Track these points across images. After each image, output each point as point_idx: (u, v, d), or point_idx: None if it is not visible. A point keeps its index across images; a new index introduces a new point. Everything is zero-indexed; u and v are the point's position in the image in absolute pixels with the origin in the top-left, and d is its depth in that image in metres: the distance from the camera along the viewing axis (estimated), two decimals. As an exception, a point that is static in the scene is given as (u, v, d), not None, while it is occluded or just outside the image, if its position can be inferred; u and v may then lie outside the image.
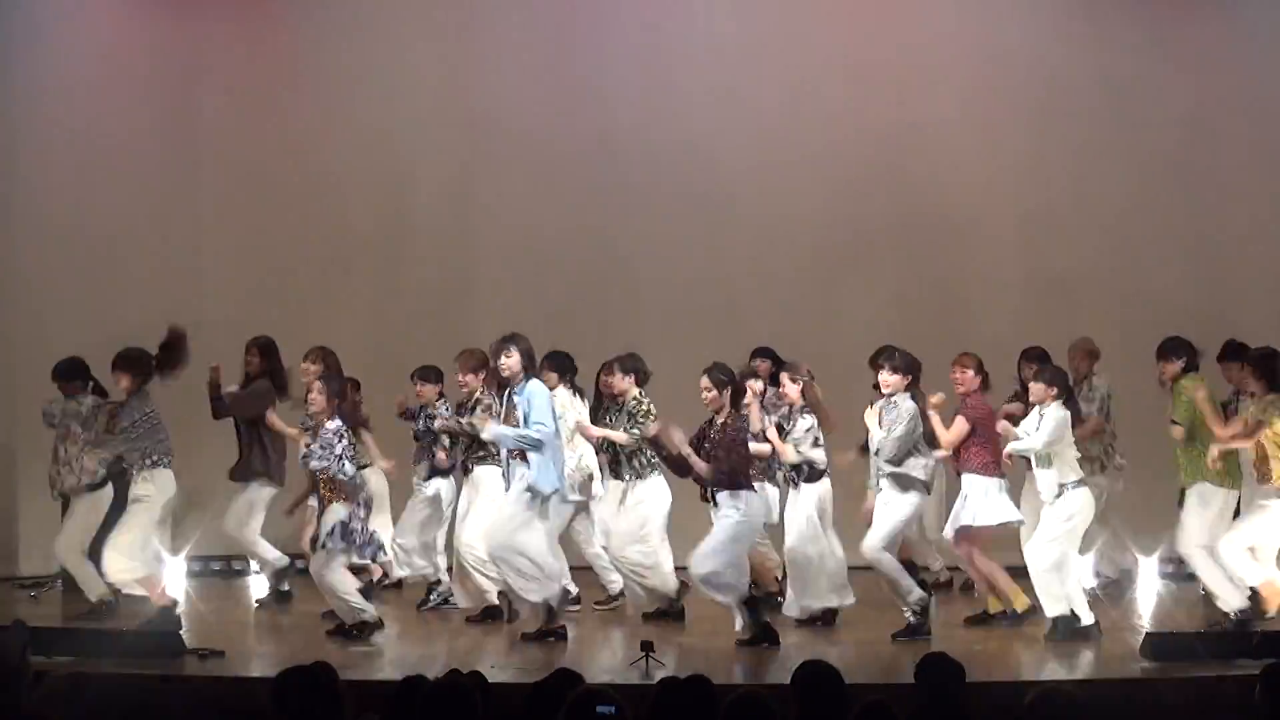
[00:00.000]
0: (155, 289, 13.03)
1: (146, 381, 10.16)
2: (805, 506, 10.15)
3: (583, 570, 11.00)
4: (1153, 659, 8.93)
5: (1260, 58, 13.25)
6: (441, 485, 10.75)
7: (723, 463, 9.46)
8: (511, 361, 9.61)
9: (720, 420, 9.53)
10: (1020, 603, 10.04)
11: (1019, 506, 10.10)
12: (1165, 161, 13.17)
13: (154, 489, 10.14)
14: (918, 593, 9.77)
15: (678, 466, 9.68)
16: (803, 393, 10.16)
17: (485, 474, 10.38)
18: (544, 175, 13.39)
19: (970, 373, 10.14)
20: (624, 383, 10.42)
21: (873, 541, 9.79)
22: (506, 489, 9.76)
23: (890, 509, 9.84)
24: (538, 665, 8.68)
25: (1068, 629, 9.56)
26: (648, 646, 8.77)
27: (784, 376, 10.30)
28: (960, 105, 13.26)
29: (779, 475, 10.41)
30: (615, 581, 10.78)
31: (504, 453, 9.80)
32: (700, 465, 9.47)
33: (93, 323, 12.26)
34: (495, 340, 9.75)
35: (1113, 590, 11.08)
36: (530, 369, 9.69)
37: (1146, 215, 13.17)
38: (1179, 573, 11.52)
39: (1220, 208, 13.19)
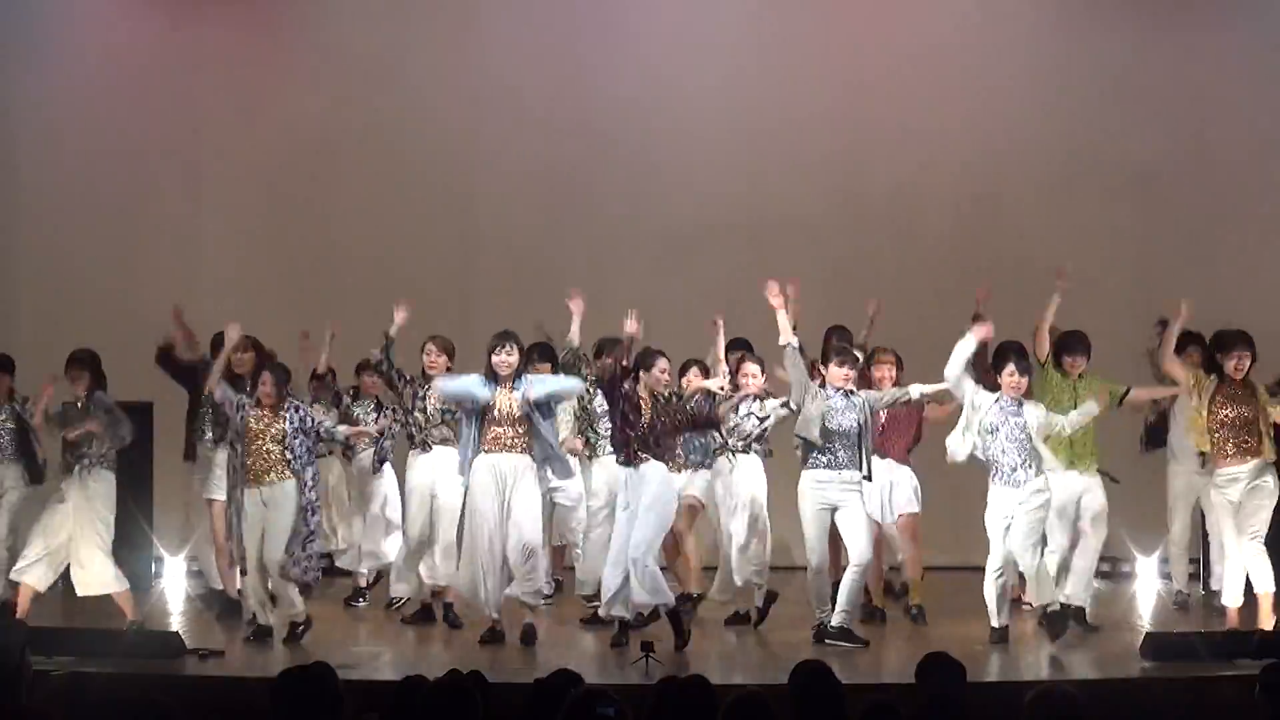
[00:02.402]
0: (156, 288, 13.05)
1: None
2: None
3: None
4: (1153, 659, 8.94)
5: (1260, 53, 13.30)
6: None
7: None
8: (514, 359, 9.66)
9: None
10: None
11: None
12: (1161, 156, 13.20)
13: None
14: None
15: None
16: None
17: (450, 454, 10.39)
18: (542, 172, 13.42)
19: (893, 370, 10.32)
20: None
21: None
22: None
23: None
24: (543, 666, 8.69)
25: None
26: (648, 646, 8.77)
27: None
28: (958, 102, 13.30)
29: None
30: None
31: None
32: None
33: (95, 322, 12.28)
34: (494, 335, 9.73)
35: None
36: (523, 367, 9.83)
37: (1143, 210, 13.23)
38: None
39: (1220, 204, 13.22)
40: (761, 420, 10.12)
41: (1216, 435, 9.89)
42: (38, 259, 13.22)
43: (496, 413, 9.58)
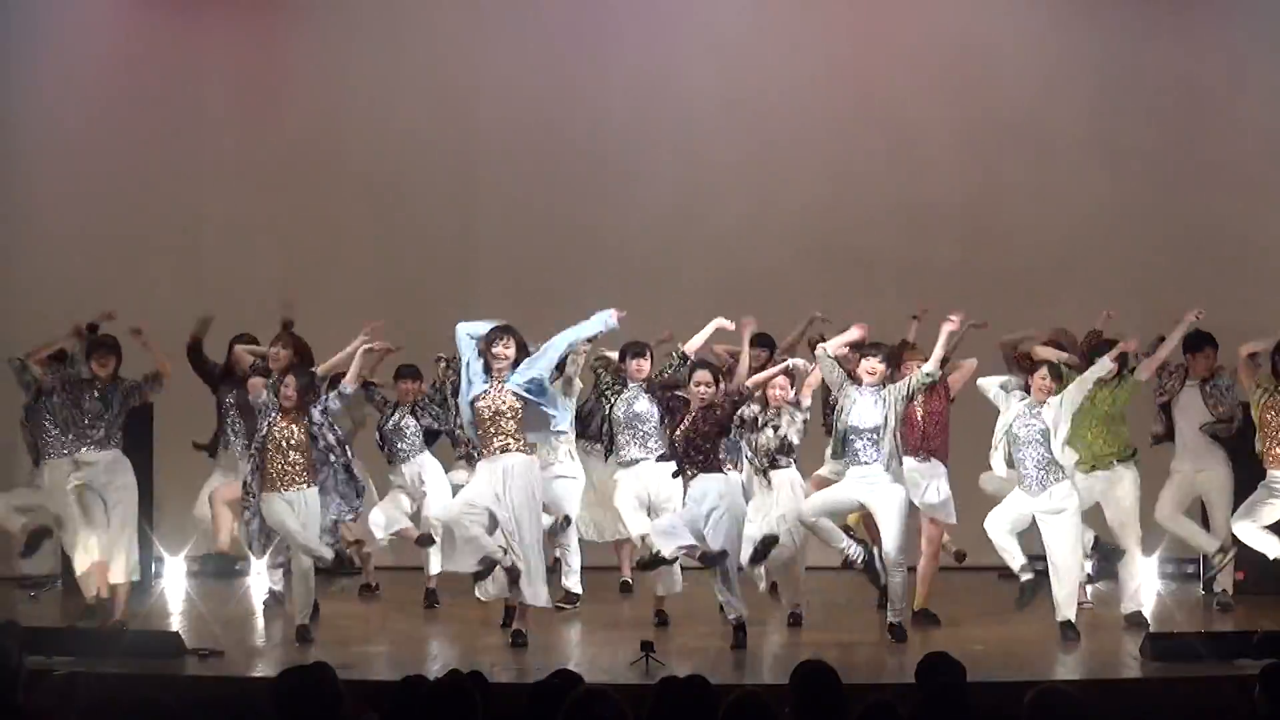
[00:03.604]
0: (157, 287, 13.06)
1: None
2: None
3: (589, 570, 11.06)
4: (1153, 659, 8.94)
5: (1257, 44, 13.31)
6: None
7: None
8: (510, 352, 9.60)
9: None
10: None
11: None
12: (1161, 152, 13.23)
13: None
14: None
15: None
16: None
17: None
18: (543, 168, 13.43)
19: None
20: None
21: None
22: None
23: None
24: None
25: None
26: (648, 646, 8.78)
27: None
28: (958, 98, 13.32)
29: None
30: None
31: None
32: None
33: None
34: (492, 328, 9.65)
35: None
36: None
37: (1140, 206, 13.25)
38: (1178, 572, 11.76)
39: (1217, 199, 13.23)
40: (777, 431, 10.07)
41: (1271, 440, 9.88)
42: (40, 259, 13.21)
43: (489, 409, 9.50)
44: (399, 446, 10.97)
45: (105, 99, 13.40)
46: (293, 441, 9.65)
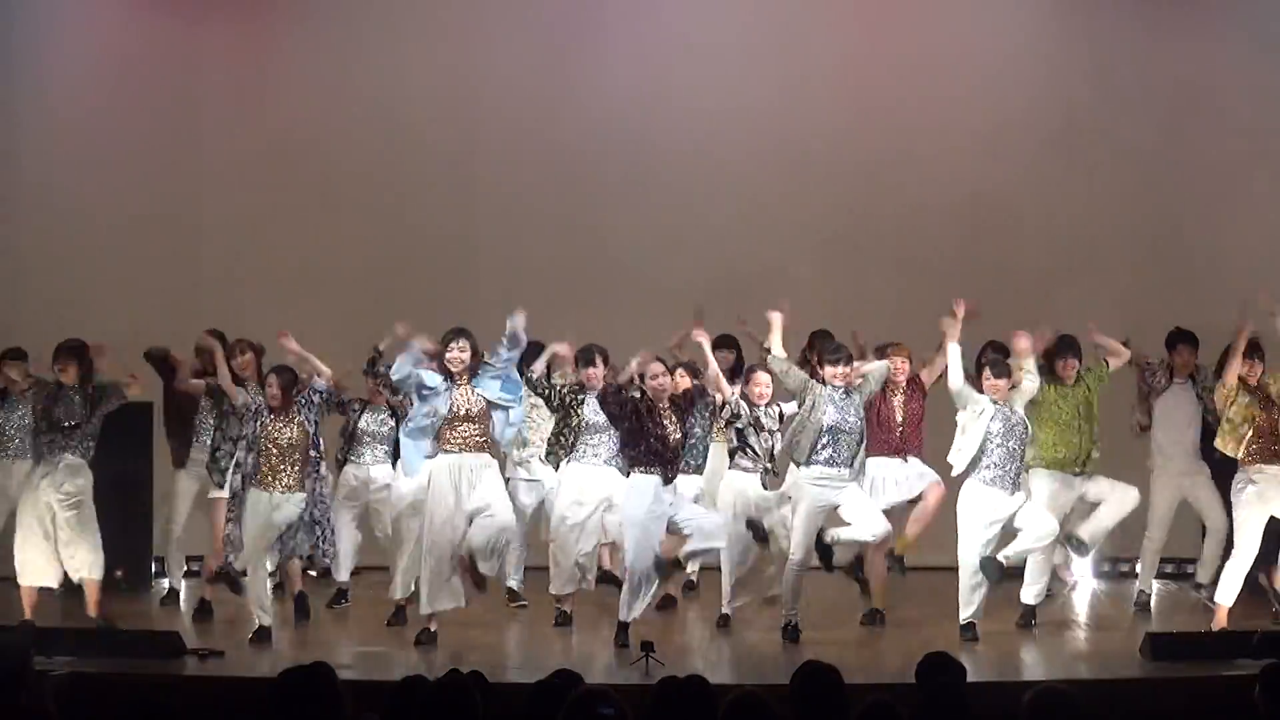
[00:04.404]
0: (154, 287, 13.06)
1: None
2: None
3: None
4: (1153, 659, 8.95)
5: (1258, 44, 13.33)
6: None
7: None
8: (466, 354, 9.55)
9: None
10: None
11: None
12: (1158, 152, 13.24)
13: None
14: None
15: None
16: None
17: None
18: (542, 169, 13.42)
19: (907, 364, 10.37)
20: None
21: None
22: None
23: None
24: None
25: None
26: (648, 646, 8.79)
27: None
28: (958, 99, 13.33)
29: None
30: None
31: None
32: None
33: (92, 321, 12.27)
34: (446, 331, 9.65)
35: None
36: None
37: (1139, 206, 13.25)
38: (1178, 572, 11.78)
39: (1214, 199, 13.24)
40: (781, 428, 10.03)
41: (1253, 441, 9.88)
42: (38, 258, 13.22)
43: (453, 410, 9.45)
44: (368, 450, 10.81)
45: (105, 99, 13.39)
46: (287, 441, 9.64)
